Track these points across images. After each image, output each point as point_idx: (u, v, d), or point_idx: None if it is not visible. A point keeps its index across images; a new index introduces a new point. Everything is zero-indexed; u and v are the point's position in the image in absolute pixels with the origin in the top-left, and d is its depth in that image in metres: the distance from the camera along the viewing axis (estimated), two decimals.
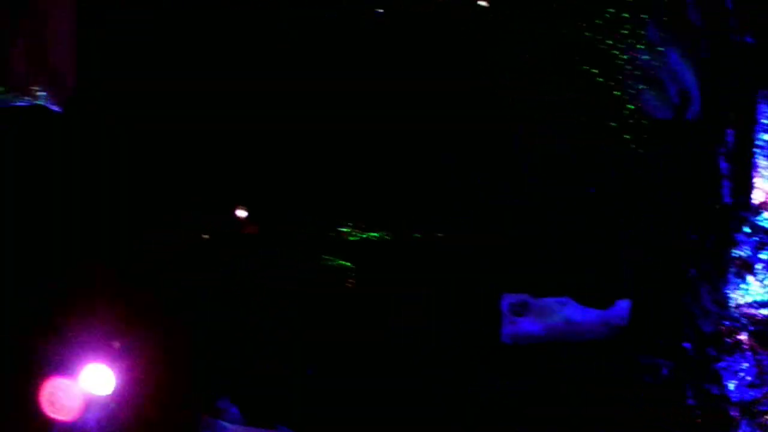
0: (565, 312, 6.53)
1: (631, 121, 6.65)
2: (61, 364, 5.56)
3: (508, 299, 6.59)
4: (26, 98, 6.16)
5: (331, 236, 6.67)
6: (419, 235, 6.68)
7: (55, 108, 6.45)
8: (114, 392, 5.64)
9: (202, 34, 6.56)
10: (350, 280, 6.59)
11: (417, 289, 6.57)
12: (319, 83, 6.52)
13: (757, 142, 6.39)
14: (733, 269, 6.30)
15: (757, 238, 6.29)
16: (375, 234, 6.73)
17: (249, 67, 6.52)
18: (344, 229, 6.69)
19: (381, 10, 6.80)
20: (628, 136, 6.62)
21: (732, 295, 6.28)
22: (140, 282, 6.16)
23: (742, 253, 6.29)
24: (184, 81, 6.39)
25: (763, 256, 6.28)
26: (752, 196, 6.32)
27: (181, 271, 6.28)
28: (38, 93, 6.24)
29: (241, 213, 6.79)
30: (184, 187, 6.54)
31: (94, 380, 5.55)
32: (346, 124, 6.51)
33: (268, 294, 6.50)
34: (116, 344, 5.63)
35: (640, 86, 6.82)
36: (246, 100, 6.46)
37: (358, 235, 6.67)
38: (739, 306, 6.26)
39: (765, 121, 6.39)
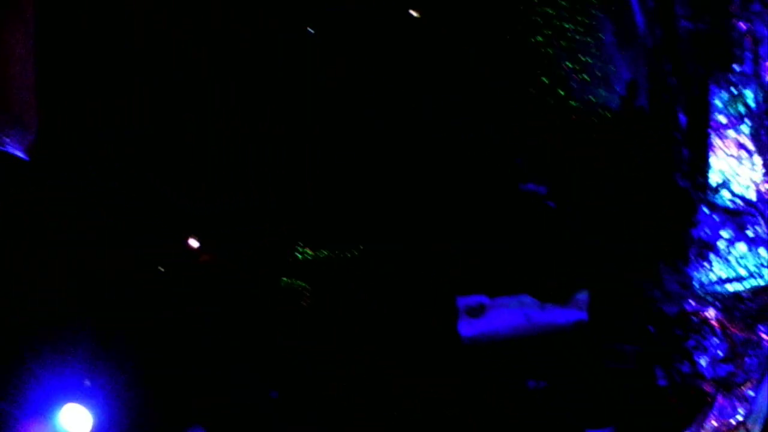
0: (524, 309, 6.60)
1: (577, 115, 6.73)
2: (37, 405, 5.61)
3: (463, 301, 6.65)
4: None
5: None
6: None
7: (20, 154, 6.36)
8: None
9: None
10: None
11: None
12: None
13: (711, 123, 6.43)
14: (693, 250, 6.36)
15: (716, 217, 6.35)
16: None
17: None
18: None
19: None
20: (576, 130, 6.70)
21: (695, 275, 6.34)
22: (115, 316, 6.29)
23: (701, 233, 6.35)
24: None
25: (723, 234, 6.34)
26: (709, 176, 6.36)
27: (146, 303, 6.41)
28: (1, 138, 6.13)
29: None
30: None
31: (71, 420, 5.64)
32: None
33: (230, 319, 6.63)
34: (88, 382, 5.69)
35: (587, 84, 6.90)
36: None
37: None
38: (703, 285, 6.32)
39: (718, 103, 6.42)
